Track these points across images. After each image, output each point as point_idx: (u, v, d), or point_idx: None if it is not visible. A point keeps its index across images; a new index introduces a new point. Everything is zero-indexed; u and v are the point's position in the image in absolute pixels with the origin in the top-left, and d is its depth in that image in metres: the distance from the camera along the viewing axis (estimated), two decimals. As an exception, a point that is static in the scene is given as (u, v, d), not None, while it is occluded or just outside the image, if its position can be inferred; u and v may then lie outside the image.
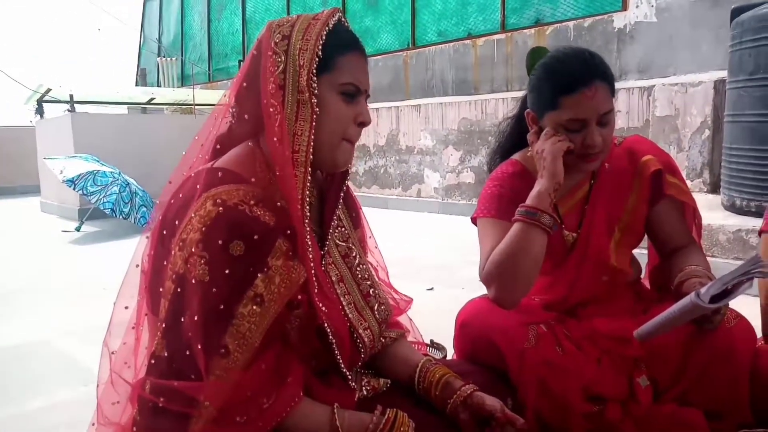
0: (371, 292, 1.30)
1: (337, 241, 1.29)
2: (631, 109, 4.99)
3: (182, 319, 1.01)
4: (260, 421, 1.01)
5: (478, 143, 6.15)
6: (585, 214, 1.68)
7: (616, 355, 1.55)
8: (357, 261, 1.30)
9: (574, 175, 1.65)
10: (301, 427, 1.07)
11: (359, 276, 1.29)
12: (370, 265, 1.36)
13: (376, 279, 1.36)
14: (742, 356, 1.46)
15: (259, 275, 1.01)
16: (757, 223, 3.15)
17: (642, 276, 1.86)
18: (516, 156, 1.77)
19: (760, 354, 1.49)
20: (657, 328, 1.40)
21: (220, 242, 1.00)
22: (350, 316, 1.22)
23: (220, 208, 1.01)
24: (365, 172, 7.48)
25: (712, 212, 3.61)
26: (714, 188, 4.40)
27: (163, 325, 1.05)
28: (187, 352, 1.00)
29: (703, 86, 4.42)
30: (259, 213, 1.03)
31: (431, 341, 1.79)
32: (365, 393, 1.30)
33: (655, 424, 1.46)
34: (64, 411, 2.05)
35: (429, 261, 4.22)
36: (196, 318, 1.00)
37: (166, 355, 1.05)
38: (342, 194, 1.28)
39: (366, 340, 1.24)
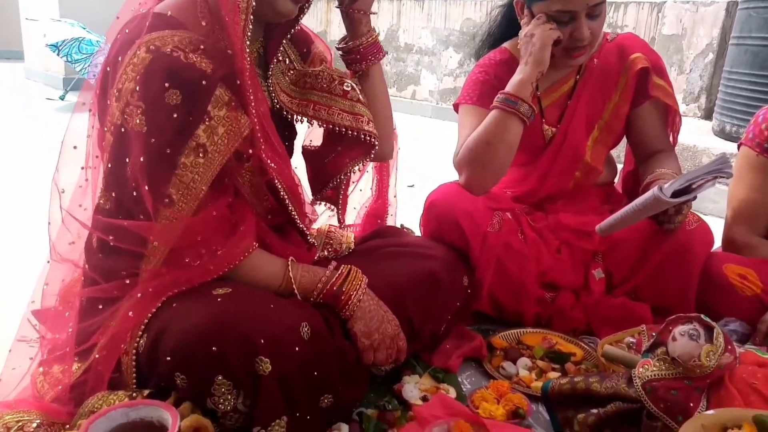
0: (348, 93, 1.24)
1: (282, 81, 1.23)
2: (638, 24, 4.83)
3: (126, 169, 1.00)
4: (211, 265, 1.03)
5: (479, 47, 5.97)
6: (567, 108, 1.66)
7: (575, 247, 1.59)
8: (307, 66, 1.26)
9: (560, 68, 1.62)
10: (254, 276, 1.10)
11: (321, 83, 1.23)
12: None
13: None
14: (697, 258, 1.50)
15: (200, 125, 0.99)
16: (726, 152, 3.15)
17: (616, 182, 1.87)
18: (506, 44, 1.72)
19: (714, 258, 1.53)
20: (618, 222, 1.42)
21: (155, 91, 0.97)
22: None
23: (153, 55, 0.97)
24: (361, 69, 7.26)
25: (702, 136, 3.59)
26: (707, 114, 4.35)
27: (106, 179, 1.05)
28: (135, 194, 1.00)
29: (715, 6, 4.26)
30: (194, 60, 0.99)
31: (401, 225, 1.82)
32: (326, 254, 1.33)
33: (604, 313, 1.53)
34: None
35: (415, 162, 4.20)
36: (138, 166, 0.98)
37: (108, 207, 1.05)
38: (287, 38, 1.21)
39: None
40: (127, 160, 1.00)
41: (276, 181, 1.11)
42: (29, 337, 1.22)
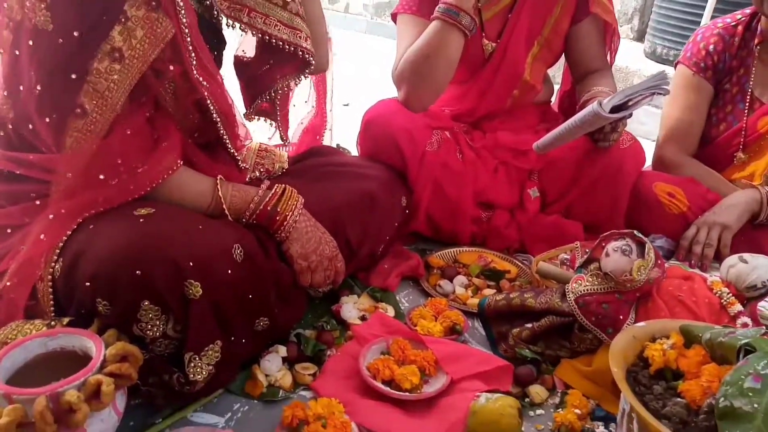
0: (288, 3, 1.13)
1: None
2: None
3: (30, 71, 0.88)
4: (131, 184, 0.95)
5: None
6: (507, 23, 1.61)
7: (512, 166, 1.59)
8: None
9: None
10: (179, 195, 1.02)
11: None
12: None
13: None
14: (628, 176, 1.53)
15: (115, 26, 0.88)
16: (665, 69, 3.22)
17: (553, 101, 1.87)
18: (447, -49, 1.62)
19: (644, 176, 1.57)
20: (556, 139, 1.42)
21: None
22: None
23: None
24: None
25: (633, 58, 3.64)
26: (640, 36, 4.40)
27: (5, 81, 0.92)
28: (39, 100, 0.89)
29: (653, -76, 4.23)
30: None
31: (337, 145, 1.76)
32: (258, 174, 1.26)
33: (537, 231, 1.55)
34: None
35: (349, 80, 4.08)
36: (44, 69, 0.87)
37: (11, 116, 0.94)
38: None
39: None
40: (29, 58, 0.88)
41: (207, 101, 1.02)
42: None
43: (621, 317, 1.07)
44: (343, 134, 1.94)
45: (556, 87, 1.87)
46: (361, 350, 1.09)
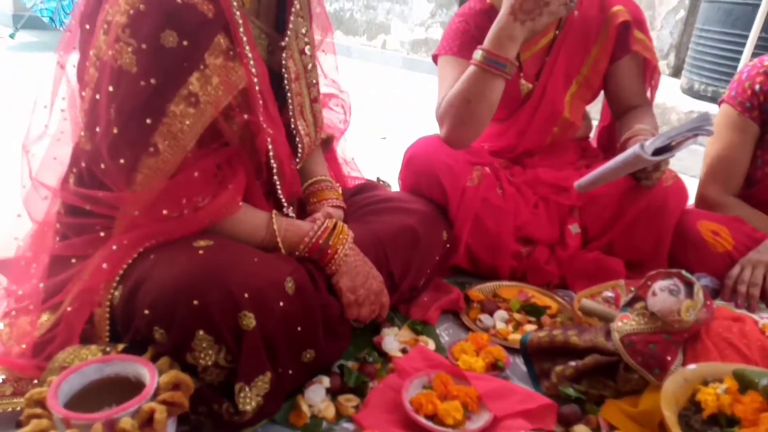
0: (317, 97, 1.23)
1: (298, 32, 1.17)
2: (612, -22, 4.78)
3: (110, 109, 0.93)
4: (192, 220, 0.98)
5: (453, -3, 5.84)
6: (545, 64, 1.62)
7: (552, 202, 1.58)
8: (310, 59, 1.21)
9: None
10: (236, 229, 1.05)
11: (311, 78, 1.21)
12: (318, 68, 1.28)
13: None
14: (672, 214, 1.52)
15: (194, 72, 0.93)
16: (710, 108, 3.18)
17: (591, 136, 1.87)
18: (487, -8, 1.66)
19: (688, 214, 1.55)
20: (598, 179, 1.42)
21: (150, 30, 0.89)
22: (297, 120, 1.16)
23: None
24: (330, 15, 7.04)
25: (670, 94, 3.62)
26: (676, 72, 4.38)
27: (87, 116, 0.97)
28: (116, 136, 0.93)
29: (689, -38, 4.24)
30: (196, 0, 0.92)
31: (378, 178, 1.78)
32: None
33: (578, 267, 1.54)
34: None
35: (386, 114, 4.14)
36: (125, 108, 0.92)
37: (88, 149, 0.98)
38: None
39: (306, 146, 1.20)
40: (109, 98, 0.93)
41: (269, 148, 1.06)
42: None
43: (669, 358, 1.05)
44: (382, 167, 1.97)
45: (594, 123, 1.88)
46: (403, 384, 1.09)
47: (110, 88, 0.93)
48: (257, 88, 1.01)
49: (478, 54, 1.43)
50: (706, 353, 1.04)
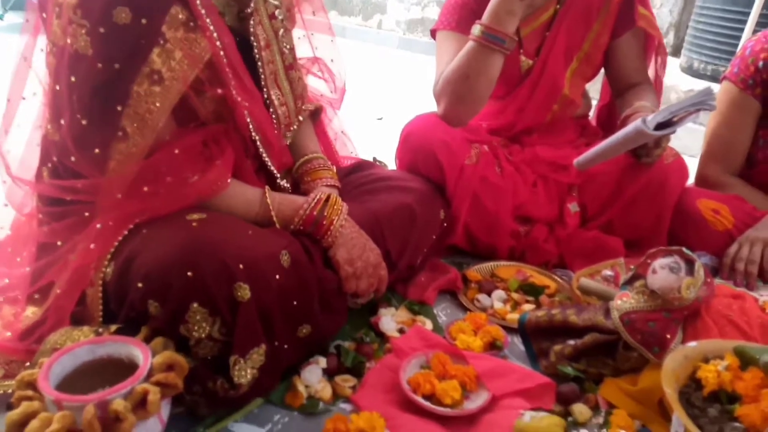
0: (293, 64, 1.18)
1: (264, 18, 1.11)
2: (611, -44, 4.71)
3: (73, 96, 0.90)
4: (179, 197, 0.96)
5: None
6: (545, 39, 1.60)
7: (551, 181, 1.57)
8: (281, 25, 1.15)
9: None
10: (228, 203, 1.03)
11: (283, 44, 1.16)
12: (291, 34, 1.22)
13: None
14: (672, 192, 1.50)
15: (154, 48, 0.89)
16: (710, 85, 3.16)
17: (591, 115, 1.85)
18: (486, -35, 1.63)
19: (688, 192, 1.54)
20: (598, 156, 1.40)
21: (101, 7, 0.85)
22: (270, 89, 1.12)
23: None
24: (325, -5, 6.95)
25: (669, 73, 3.58)
26: (675, 51, 4.33)
27: (51, 104, 0.95)
28: (84, 123, 0.90)
29: (689, -61, 4.18)
30: None
31: (374, 158, 1.76)
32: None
33: (577, 246, 1.53)
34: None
35: (382, 95, 4.10)
36: (87, 94, 0.89)
37: (57, 139, 0.95)
38: None
39: (281, 116, 1.15)
40: (70, 85, 0.89)
41: (248, 121, 1.03)
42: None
43: (668, 336, 1.04)
44: (378, 147, 1.95)
45: (594, 102, 1.85)
46: (400, 364, 1.08)
47: (70, 76, 0.89)
48: (224, 60, 0.97)
49: (476, 29, 1.40)
50: (707, 331, 1.03)
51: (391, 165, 1.66)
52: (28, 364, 0.98)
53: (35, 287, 0.99)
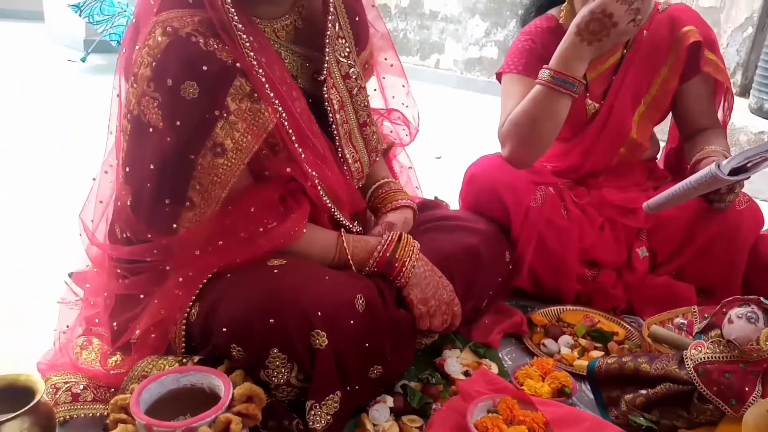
0: (367, 121, 1.20)
1: (339, 57, 1.11)
2: (674, -4, 4.68)
3: (146, 163, 0.94)
4: (253, 248, 0.99)
5: (507, 15, 5.82)
6: (612, 83, 1.60)
7: (619, 224, 1.55)
8: (356, 83, 1.16)
9: None
10: (306, 248, 1.07)
11: (358, 102, 1.17)
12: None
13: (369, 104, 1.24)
14: (746, 239, 1.46)
15: (218, 122, 0.92)
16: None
17: (658, 158, 1.82)
18: (552, 11, 1.66)
19: (763, 239, 1.49)
20: (669, 200, 1.38)
21: (171, 83, 0.89)
22: (344, 149, 1.13)
23: (170, 39, 0.89)
24: (384, 36, 7.12)
25: (737, 114, 3.49)
26: (744, 91, 4.23)
27: (124, 170, 1.00)
28: (154, 192, 0.95)
29: (757, -21, 4.11)
30: (215, 47, 0.91)
31: (435, 197, 1.79)
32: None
33: (646, 293, 1.50)
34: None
35: (440, 134, 4.14)
36: (157, 164, 0.94)
37: (130, 202, 1.00)
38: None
39: (355, 171, 1.17)
40: (143, 153, 0.95)
41: (319, 188, 1.05)
42: (68, 299, 1.23)
43: (746, 389, 1.01)
44: (437, 186, 1.97)
45: (662, 143, 1.83)
46: (467, 407, 1.08)
47: (142, 141, 0.94)
48: (289, 131, 0.99)
49: (545, 73, 1.41)
50: (789, 385, 0.99)
51: (451, 204, 1.68)
52: (113, 390, 1.03)
53: (120, 342, 1.03)
